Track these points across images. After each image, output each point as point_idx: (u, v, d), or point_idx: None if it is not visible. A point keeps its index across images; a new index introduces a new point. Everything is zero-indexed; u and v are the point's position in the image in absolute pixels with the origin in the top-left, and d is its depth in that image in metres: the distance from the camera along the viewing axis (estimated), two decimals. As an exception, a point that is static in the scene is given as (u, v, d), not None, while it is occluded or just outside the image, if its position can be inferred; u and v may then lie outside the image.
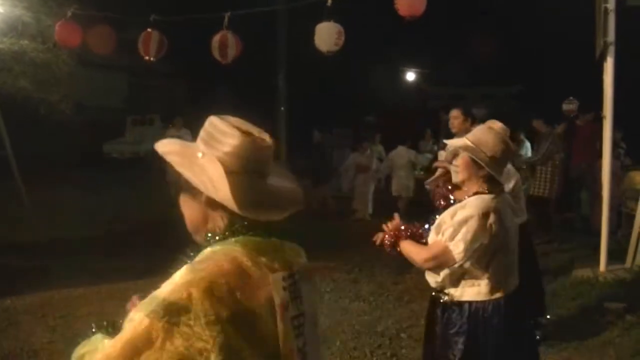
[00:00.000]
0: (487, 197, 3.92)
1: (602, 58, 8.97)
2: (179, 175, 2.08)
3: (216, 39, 9.98)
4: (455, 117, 7.00)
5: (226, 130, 2.08)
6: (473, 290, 3.91)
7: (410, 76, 32.01)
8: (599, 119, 9.82)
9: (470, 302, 3.93)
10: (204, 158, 2.04)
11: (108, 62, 22.30)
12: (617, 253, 9.34)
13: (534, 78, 24.98)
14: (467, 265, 3.82)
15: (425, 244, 4.01)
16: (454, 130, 6.93)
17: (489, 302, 3.91)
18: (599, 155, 9.63)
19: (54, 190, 16.31)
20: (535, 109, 14.61)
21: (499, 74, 26.29)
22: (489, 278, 3.86)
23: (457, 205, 3.97)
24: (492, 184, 3.99)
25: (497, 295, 3.91)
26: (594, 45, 9.72)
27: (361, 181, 15.37)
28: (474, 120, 6.91)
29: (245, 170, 2.04)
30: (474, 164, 3.96)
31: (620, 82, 8.77)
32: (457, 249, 3.77)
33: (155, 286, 1.99)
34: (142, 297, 1.98)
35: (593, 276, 8.78)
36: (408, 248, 4.03)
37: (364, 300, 8.27)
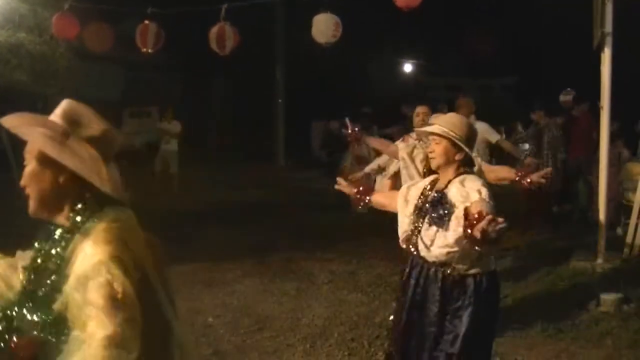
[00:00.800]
0: (473, 176, 4.11)
1: (600, 49, 8.98)
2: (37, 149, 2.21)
3: (214, 30, 9.99)
4: (425, 113, 7.06)
5: (92, 117, 2.28)
6: (482, 262, 4.03)
7: (407, 67, 32.00)
8: (594, 109, 9.84)
9: (474, 275, 4.04)
10: (73, 139, 2.20)
11: (105, 54, 22.22)
12: (615, 244, 9.39)
13: (531, 69, 24.99)
14: None
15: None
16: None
17: (492, 274, 4.15)
18: (597, 146, 9.63)
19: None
20: (532, 100, 14.61)
21: (496, 65, 26.30)
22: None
23: (454, 192, 3.98)
24: (469, 166, 4.19)
25: (493, 267, 4.19)
26: (591, 35, 9.71)
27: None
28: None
29: (106, 155, 2.25)
30: (453, 148, 4.09)
31: (617, 73, 8.78)
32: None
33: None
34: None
35: (590, 267, 8.81)
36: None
37: (362, 292, 8.28)
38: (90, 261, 2.07)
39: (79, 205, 2.23)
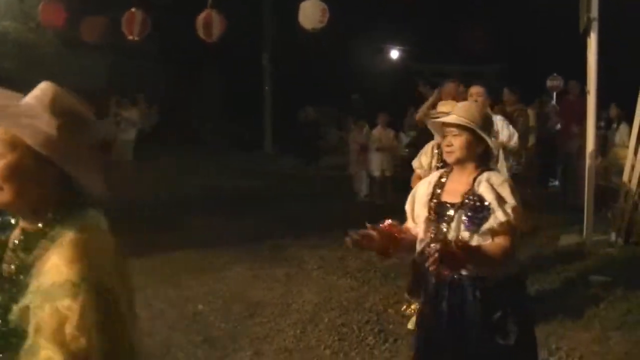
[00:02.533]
0: (495, 172, 3.75)
1: (586, 34, 9.02)
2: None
3: (201, 17, 10.00)
4: (479, 94, 6.94)
5: (78, 107, 2.10)
6: (511, 263, 3.66)
7: (394, 54, 31.95)
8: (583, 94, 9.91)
9: (510, 277, 3.66)
10: (63, 133, 1.99)
11: (91, 42, 22.17)
12: (603, 227, 9.47)
13: (519, 56, 24.95)
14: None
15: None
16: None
17: (518, 274, 3.82)
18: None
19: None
20: (520, 87, 14.67)
21: (484, 51, 26.26)
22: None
23: (485, 191, 3.56)
24: (487, 161, 3.80)
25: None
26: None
27: (361, 160, 15.10)
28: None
29: (92, 148, 2.10)
30: (475, 140, 3.66)
31: (604, 57, 8.84)
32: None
33: (145, 265, 2.07)
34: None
35: (578, 249, 8.89)
36: (480, 253, 3.46)
37: (351, 277, 8.30)
38: (56, 278, 1.87)
39: (52, 207, 2.02)
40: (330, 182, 16.54)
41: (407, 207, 3.92)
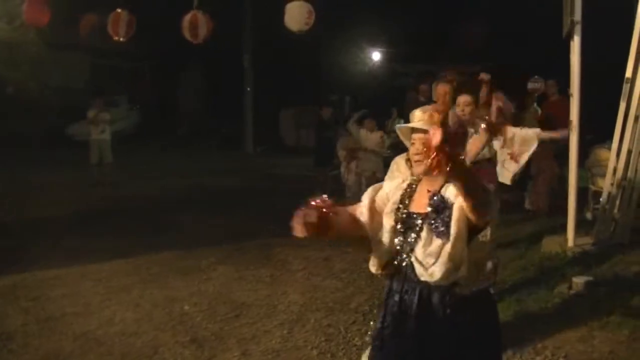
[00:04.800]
0: None
1: (569, 37, 9.09)
2: None
3: (187, 18, 10.00)
4: (466, 103, 6.45)
5: None
6: (486, 269, 3.47)
7: (377, 55, 31.99)
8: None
9: (481, 287, 3.43)
10: None
11: (74, 42, 22.09)
12: (584, 228, 9.55)
13: (503, 56, 25.02)
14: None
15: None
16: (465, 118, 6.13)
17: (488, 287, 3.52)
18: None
19: (20, 170, 16.23)
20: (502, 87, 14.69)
21: (467, 51, 26.33)
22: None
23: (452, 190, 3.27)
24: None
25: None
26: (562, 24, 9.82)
27: (351, 168, 15.02)
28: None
29: None
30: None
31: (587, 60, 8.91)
32: None
33: (130, 267, 2.03)
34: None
35: (561, 251, 8.95)
36: None
37: (336, 278, 8.32)
38: None
39: None
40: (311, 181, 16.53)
41: (366, 199, 3.55)
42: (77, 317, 6.77)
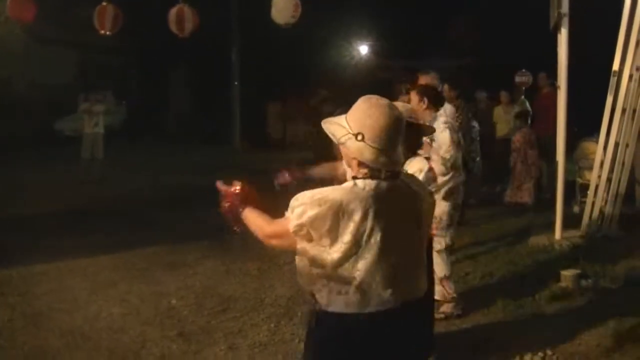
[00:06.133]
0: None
1: (557, 29, 9.09)
2: None
3: (173, 12, 9.96)
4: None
5: None
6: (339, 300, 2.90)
7: (361, 49, 31.94)
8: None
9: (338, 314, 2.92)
10: None
11: (60, 37, 22.00)
12: (572, 222, 9.58)
13: (488, 50, 25.03)
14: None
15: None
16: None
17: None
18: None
19: (7, 168, 16.13)
20: (484, 81, 14.74)
21: (449, 45, 26.35)
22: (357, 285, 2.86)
23: None
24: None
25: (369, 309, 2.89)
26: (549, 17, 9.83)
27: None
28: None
29: None
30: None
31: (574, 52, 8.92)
32: None
33: (117, 262, 1.99)
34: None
35: (549, 244, 8.99)
36: None
37: (324, 272, 8.29)
38: None
39: None
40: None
41: None
42: (64, 313, 6.72)
